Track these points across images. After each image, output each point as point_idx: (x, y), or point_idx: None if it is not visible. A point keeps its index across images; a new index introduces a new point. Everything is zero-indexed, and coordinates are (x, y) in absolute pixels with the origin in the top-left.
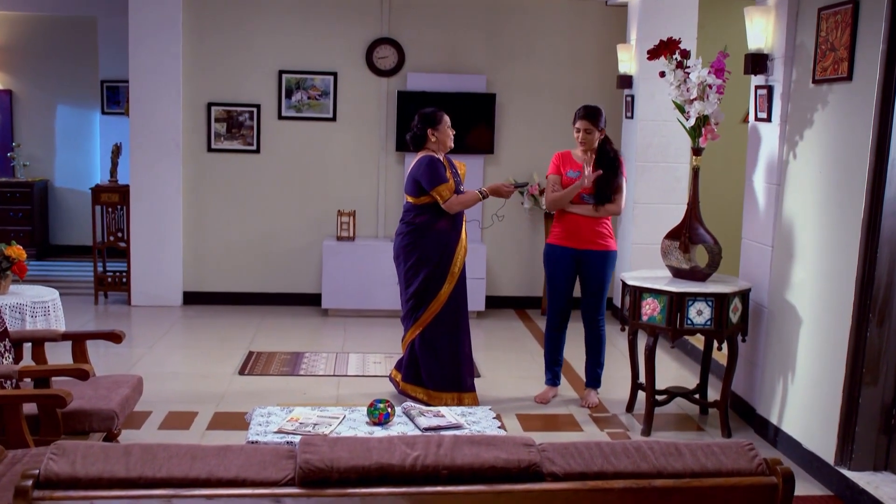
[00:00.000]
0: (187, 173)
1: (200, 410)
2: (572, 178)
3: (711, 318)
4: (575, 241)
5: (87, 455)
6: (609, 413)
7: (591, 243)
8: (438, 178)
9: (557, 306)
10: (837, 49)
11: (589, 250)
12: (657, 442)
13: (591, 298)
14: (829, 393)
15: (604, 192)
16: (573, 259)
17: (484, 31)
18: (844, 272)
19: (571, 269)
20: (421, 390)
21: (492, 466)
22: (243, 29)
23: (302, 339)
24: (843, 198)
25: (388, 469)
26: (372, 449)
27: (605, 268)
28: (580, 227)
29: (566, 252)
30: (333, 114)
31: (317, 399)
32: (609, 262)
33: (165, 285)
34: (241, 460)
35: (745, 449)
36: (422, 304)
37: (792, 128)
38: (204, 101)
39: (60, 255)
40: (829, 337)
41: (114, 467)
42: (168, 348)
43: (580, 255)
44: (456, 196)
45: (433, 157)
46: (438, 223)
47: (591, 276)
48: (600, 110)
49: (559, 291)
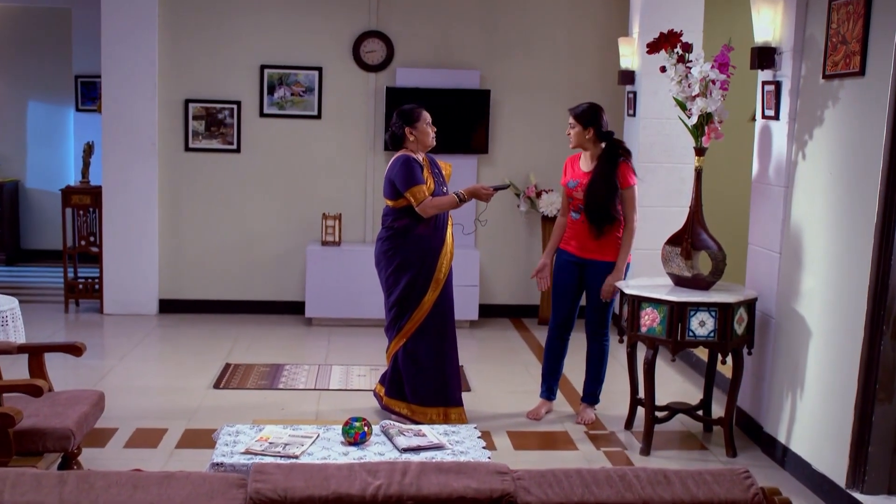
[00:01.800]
0: (163, 174)
1: (170, 427)
2: (571, 188)
3: (715, 329)
4: (578, 249)
5: (17, 484)
6: (606, 430)
7: (594, 252)
8: (413, 179)
9: (558, 316)
10: (849, 42)
11: (592, 260)
12: (644, 469)
13: (594, 311)
14: (840, 410)
15: (597, 208)
16: (577, 267)
17: (478, 23)
18: (856, 280)
19: (574, 278)
20: (404, 405)
21: (461, 497)
22: (223, 21)
23: (283, 350)
24: (854, 201)
25: (347, 500)
26: (330, 477)
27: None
28: (580, 233)
29: (571, 259)
30: (318, 111)
31: (295, 415)
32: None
33: (140, 293)
34: (187, 490)
35: (741, 477)
36: (405, 312)
37: (801, 126)
38: (181, 97)
39: (32, 261)
40: (839, 350)
41: (46, 498)
42: (140, 360)
43: (584, 264)
44: (430, 199)
45: (409, 156)
46: (419, 227)
47: (595, 287)
48: (589, 106)
49: (560, 300)
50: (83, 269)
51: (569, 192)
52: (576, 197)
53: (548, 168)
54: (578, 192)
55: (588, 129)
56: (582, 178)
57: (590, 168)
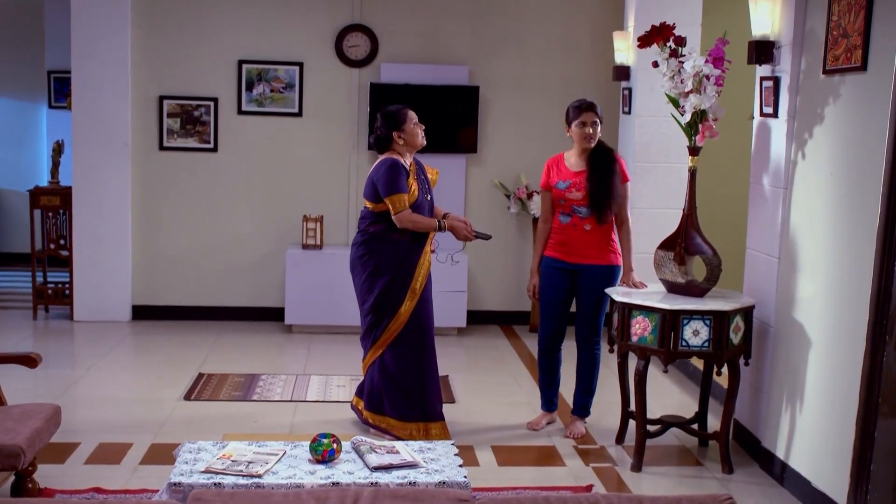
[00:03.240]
0: (137, 174)
1: (136, 441)
2: (561, 189)
3: (709, 338)
4: (567, 254)
5: None
6: (596, 445)
7: (584, 257)
8: (397, 186)
9: (548, 327)
10: (850, 35)
11: (583, 265)
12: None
13: (584, 319)
14: (842, 425)
15: (600, 202)
16: (567, 274)
17: (466, 16)
18: (858, 287)
19: (565, 286)
20: (384, 419)
21: None
22: (199, 14)
23: (260, 359)
24: (856, 203)
25: None
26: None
27: (600, 285)
28: (572, 237)
29: (559, 266)
30: (299, 108)
31: (269, 428)
32: (607, 278)
33: (112, 298)
34: None
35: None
36: (380, 321)
37: (801, 124)
38: (155, 93)
39: (2, 264)
40: (841, 360)
41: None
42: (109, 370)
43: (574, 270)
44: (409, 211)
45: (397, 161)
46: (397, 232)
47: (586, 294)
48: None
49: (549, 310)
50: (53, 273)
51: (558, 194)
52: (570, 198)
53: (539, 168)
54: (573, 192)
55: (602, 123)
56: (574, 178)
57: (581, 167)
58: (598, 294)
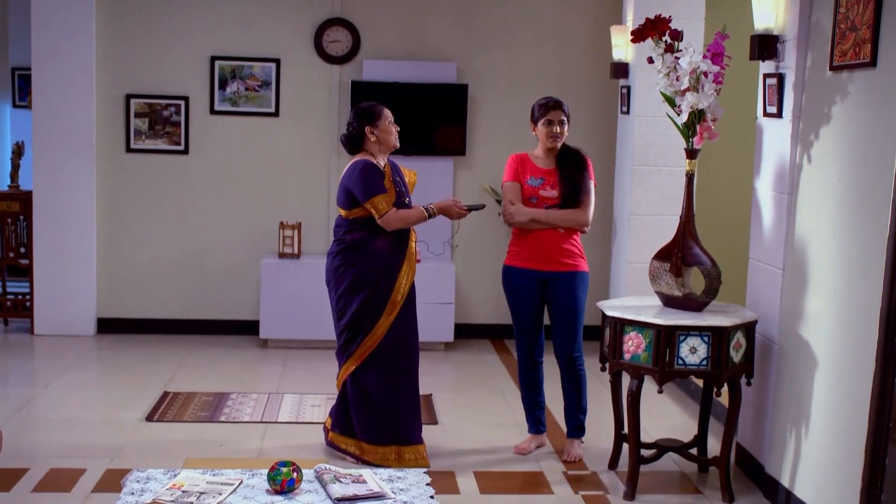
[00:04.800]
0: (102, 178)
1: (89, 467)
2: (534, 186)
3: (708, 356)
4: (538, 261)
5: None
6: (588, 470)
7: (557, 263)
8: (374, 187)
9: (525, 342)
10: (859, 28)
11: (555, 272)
12: None
13: (563, 331)
14: (850, 451)
15: (573, 200)
16: (538, 283)
17: (454, 10)
18: (868, 301)
19: (536, 296)
20: (353, 443)
21: None
22: (169, 6)
23: (231, 376)
24: (865, 210)
25: None
26: None
27: (576, 292)
28: (543, 243)
29: (528, 275)
30: (276, 108)
31: (235, 452)
32: (581, 284)
33: (76, 311)
34: None
35: None
36: (356, 336)
37: (806, 125)
38: (122, 92)
39: None
40: (849, 381)
41: None
42: (68, 387)
43: (545, 278)
44: (395, 210)
45: (369, 161)
46: (376, 241)
47: (562, 303)
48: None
49: (525, 324)
50: (12, 283)
51: (530, 191)
52: (543, 196)
53: None
54: (548, 189)
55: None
56: (547, 176)
57: (550, 165)
58: (574, 303)
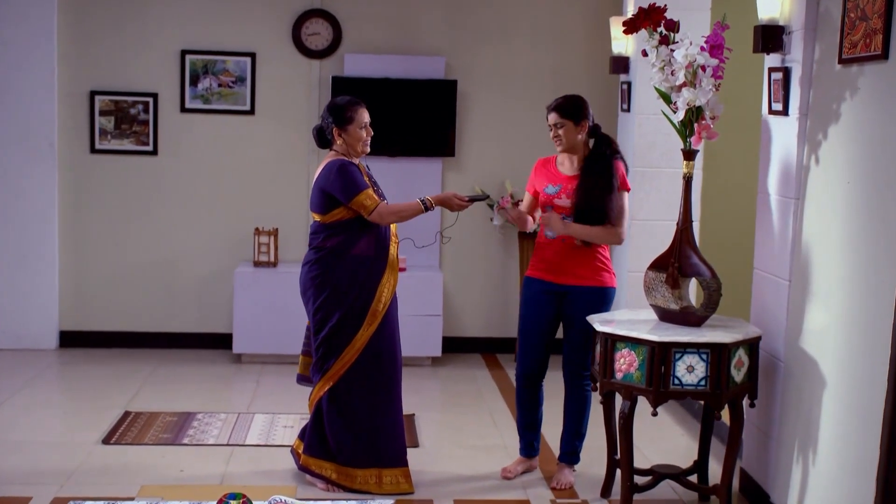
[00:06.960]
0: (64, 180)
1: (36, 495)
2: (550, 194)
3: (706, 376)
4: (554, 274)
5: None
6: (578, 499)
7: (575, 277)
8: (355, 185)
9: (528, 360)
10: (870, 18)
11: (572, 286)
12: None
13: (573, 350)
14: (861, 478)
15: (587, 213)
16: (553, 297)
17: (443, 1)
18: (879, 315)
19: (550, 311)
20: (329, 466)
21: None
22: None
23: (199, 393)
24: (876, 215)
25: None
26: None
27: (592, 311)
28: (560, 254)
29: (543, 287)
30: (251, 105)
31: (196, 479)
32: (600, 302)
33: (36, 323)
34: None
35: None
36: (333, 351)
37: (814, 123)
38: (85, 88)
39: None
40: (859, 403)
41: None
42: (22, 407)
43: (561, 293)
44: (386, 204)
45: (344, 160)
46: (357, 246)
47: (576, 321)
48: (577, 99)
49: (530, 338)
50: None
51: (546, 199)
52: (558, 205)
53: (527, 173)
54: (563, 198)
55: (581, 123)
56: (566, 183)
57: (575, 171)
58: (587, 322)
